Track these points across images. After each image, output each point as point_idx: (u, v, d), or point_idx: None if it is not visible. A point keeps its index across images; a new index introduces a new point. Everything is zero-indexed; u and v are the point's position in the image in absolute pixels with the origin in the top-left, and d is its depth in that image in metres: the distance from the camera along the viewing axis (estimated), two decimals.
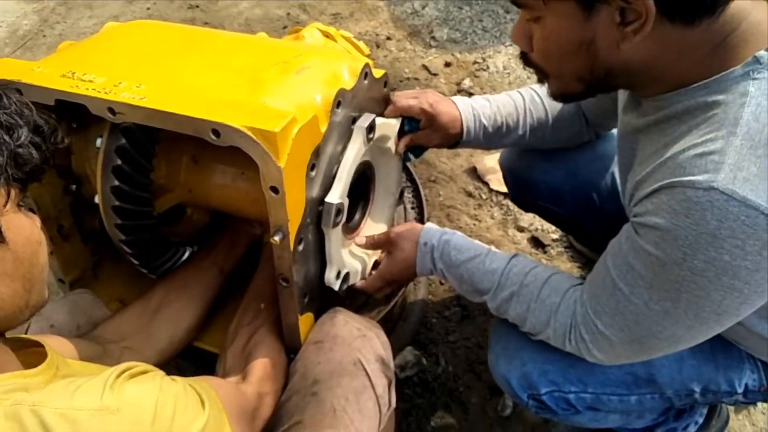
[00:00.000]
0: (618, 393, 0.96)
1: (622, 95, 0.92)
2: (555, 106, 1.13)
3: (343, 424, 0.80)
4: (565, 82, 0.82)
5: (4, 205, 0.57)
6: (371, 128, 0.93)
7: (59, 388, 0.53)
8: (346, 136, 0.92)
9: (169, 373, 0.63)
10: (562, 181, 1.22)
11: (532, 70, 0.85)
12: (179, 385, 0.59)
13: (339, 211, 0.91)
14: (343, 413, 0.80)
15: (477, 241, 1.01)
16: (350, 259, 1.05)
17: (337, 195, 0.89)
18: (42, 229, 0.65)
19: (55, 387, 0.54)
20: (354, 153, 0.91)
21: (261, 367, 0.86)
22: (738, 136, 0.66)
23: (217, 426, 0.60)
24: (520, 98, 1.14)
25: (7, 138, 0.57)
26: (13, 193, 0.58)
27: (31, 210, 0.65)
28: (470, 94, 2.19)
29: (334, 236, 0.94)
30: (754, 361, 0.95)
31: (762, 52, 0.68)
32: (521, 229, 1.76)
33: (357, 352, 0.86)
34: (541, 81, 0.86)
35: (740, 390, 0.96)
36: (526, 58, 0.83)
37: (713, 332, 0.77)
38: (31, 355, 0.63)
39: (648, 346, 0.81)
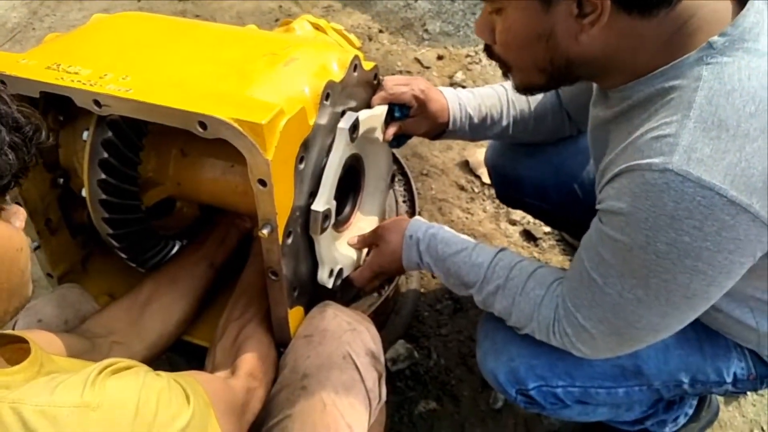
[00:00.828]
0: (606, 386, 0.97)
1: (592, 92, 0.93)
2: (536, 99, 1.14)
3: (332, 418, 0.80)
4: (527, 73, 0.83)
5: None
6: (354, 128, 0.92)
7: (40, 385, 0.52)
8: (336, 128, 0.91)
9: (159, 367, 0.63)
10: (546, 177, 1.23)
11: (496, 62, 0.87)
12: (163, 380, 0.59)
13: (326, 217, 0.90)
14: (332, 407, 0.80)
15: (464, 236, 1.01)
16: (342, 253, 1.05)
17: (323, 201, 0.89)
18: (23, 229, 0.61)
19: (36, 383, 0.53)
20: (338, 155, 0.90)
21: (250, 361, 0.85)
22: (691, 119, 0.67)
23: (202, 421, 0.60)
24: (503, 90, 1.14)
25: None
26: None
27: (17, 203, 0.62)
28: (463, 87, 2.18)
29: (323, 240, 0.93)
30: (741, 350, 0.95)
31: (715, 37, 0.69)
32: (513, 223, 1.76)
33: (346, 346, 0.86)
34: (505, 75, 0.87)
35: (729, 379, 0.96)
36: (489, 51, 0.85)
37: (688, 317, 0.78)
38: (15, 351, 0.62)
39: (629, 337, 0.81)
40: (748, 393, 1.38)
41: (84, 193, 0.91)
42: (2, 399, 0.50)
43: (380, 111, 1.02)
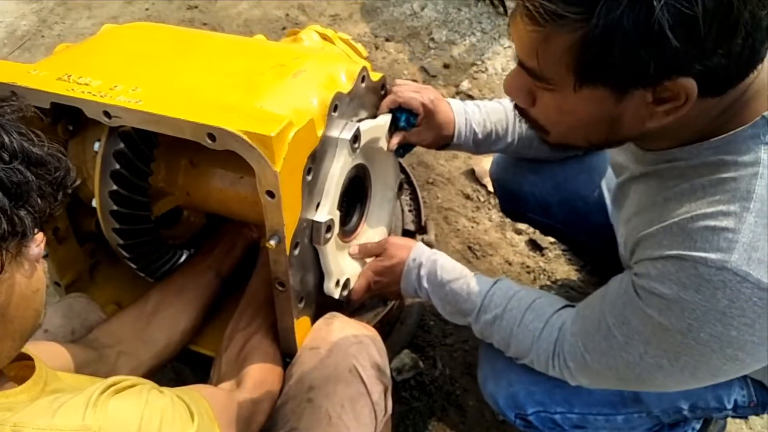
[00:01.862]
0: (604, 413, 0.96)
1: None
2: None
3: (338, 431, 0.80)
4: (567, 140, 0.77)
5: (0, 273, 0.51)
6: (356, 138, 0.92)
7: (42, 407, 0.52)
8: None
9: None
10: (550, 194, 1.22)
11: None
12: (167, 397, 0.58)
13: (329, 228, 0.90)
14: (338, 420, 0.80)
15: (462, 266, 1.00)
16: (349, 263, 1.05)
17: (325, 212, 0.89)
18: (45, 270, 0.59)
19: (38, 405, 0.52)
20: (340, 166, 0.90)
21: (256, 373, 0.86)
22: (752, 212, 0.64)
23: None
24: (510, 105, 1.13)
25: (5, 202, 0.49)
26: (10, 255, 0.52)
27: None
28: (469, 96, 2.19)
29: (328, 250, 0.93)
30: (744, 378, 0.94)
31: None
32: (519, 232, 1.76)
33: (353, 359, 0.86)
34: (539, 134, 0.80)
35: (729, 406, 0.96)
36: (522, 111, 0.77)
37: (703, 386, 0.77)
38: (21, 368, 0.61)
39: (635, 386, 0.81)
40: None
41: (95, 203, 0.91)
42: (4, 422, 0.49)
43: (383, 121, 1.02)
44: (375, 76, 0.99)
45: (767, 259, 0.63)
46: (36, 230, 0.54)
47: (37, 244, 0.56)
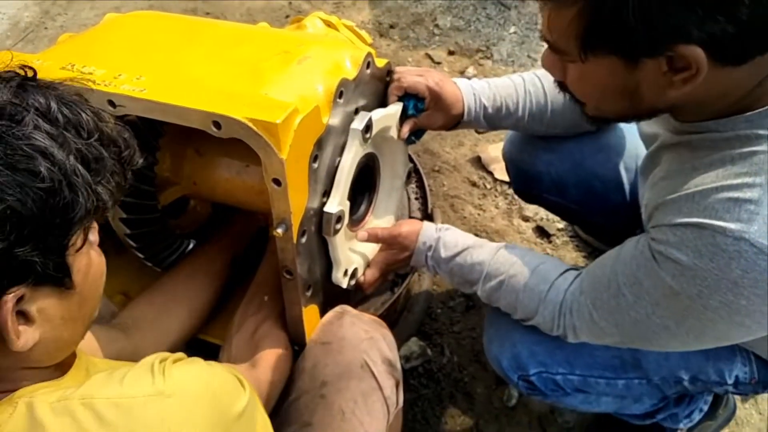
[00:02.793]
0: (605, 376, 0.97)
1: None
2: (555, 91, 1.11)
3: (351, 427, 0.81)
4: (602, 112, 0.79)
5: (78, 249, 0.52)
6: (368, 128, 0.91)
7: (103, 379, 0.52)
8: (349, 126, 0.91)
9: None
10: (566, 173, 1.21)
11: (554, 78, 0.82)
12: (219, 367, 0.59)
13: (339, 219, 0.90)
14: (352, 416, 0.81)
15: (467, 234, 1.02)
16: (357, 252, 1.05)
17: (336, 203, 0.88)
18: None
19: (97, 378, 0.52)
20: (351, 156, 0.90)
21: (270, 356, 0.86)
22: None
23: (255, 406, 0.61)
24: (520, 80, 1.13)
25: (88, 177, 0.51)
26: (87, 233, 0.54)
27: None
28: None
29: (337, 241, 0.93)
30: (747, 354, 0.94)
31: None
32: (526, 219, 1.75)
33: (364, 355, 0.87)
34: (580, 107, 0.83)
35: (730, 381, 0.96)
36: (562, 85, 0.81)
37: (706, 347, 0.78)
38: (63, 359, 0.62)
39: (638, 344, 0.82)
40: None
41: None
42: (69, 397, 0.49)
43: (395, 110, 1.01)
44: (380, 63, 0.98)
45: None
46: (111, 206, 0.55)
47: (96, 228, 0.58)
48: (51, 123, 0.50)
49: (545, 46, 0.78)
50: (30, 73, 0.54)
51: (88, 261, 0.55)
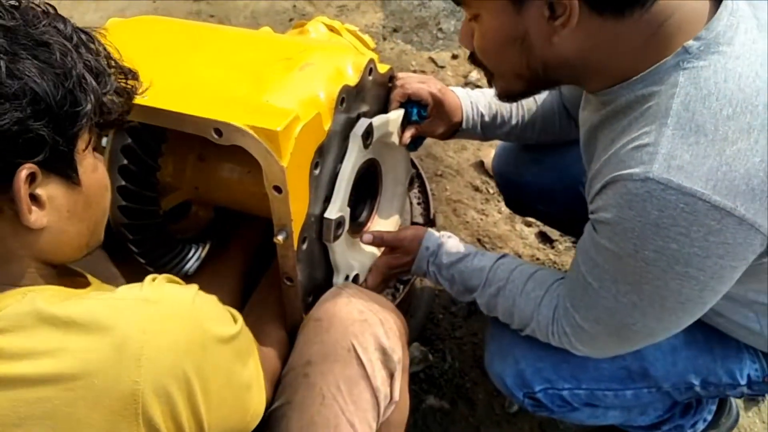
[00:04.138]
0: (613, 388, 0.96)
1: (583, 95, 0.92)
2: (542, 98, 1.14)
3: (332, 413, 0.77)
4: (506, 79, 0.83)
5: (84, 150, 0.60)
6: (368, 134, 0.91)
7: (103, 289, 0.61)
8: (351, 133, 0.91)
9: None
10: (552, 182, 1.22)
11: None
12: (214, 298, 0.63)
13: (339, 225, 0.90)
14: (332, 401, 0.78)
15: (468, 245, 1.02)
16: (358, 257, 1.04)
17: (335, 209, 0.88)
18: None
19: (99, 291, 0.61)
20: (351, 163, 0.90)
21: (275, 336, 0.88)
22: (669, 127, 0.67)
23: (248, 345, 0.63)
24: None
25: (95, 84, 0.59)
26: (93, 138, 0.62)
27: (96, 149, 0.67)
28: (477, 87, 2.17)
29: (337, 247, 0.93)
30: (754, 352, 0.94)
31: (690, 42, 0.68)
32: (529, 224, 1.75)
33: (352, 338, 0.82)
34: (489, 83, 0.87)
35: (743, 381, 0.95)
36: (473, 58, 0.84)
37: (685, 321, 0.77)
38: (78, 282, 0.68)
39: (627, 338, 0.81)
40: None
41: None
42: (73, 295, 0.57)
43: (396, 115, 1.01)
44: (382, 68, 0.98)
45: (687, 166, 0.65)
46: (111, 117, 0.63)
47: (100, 159, 0.66)
48: (66, 38, 0.59)
49: None
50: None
51: (94, 167, 0.63)
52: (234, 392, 0.62)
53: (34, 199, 0.56)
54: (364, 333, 0.83)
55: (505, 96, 0.87)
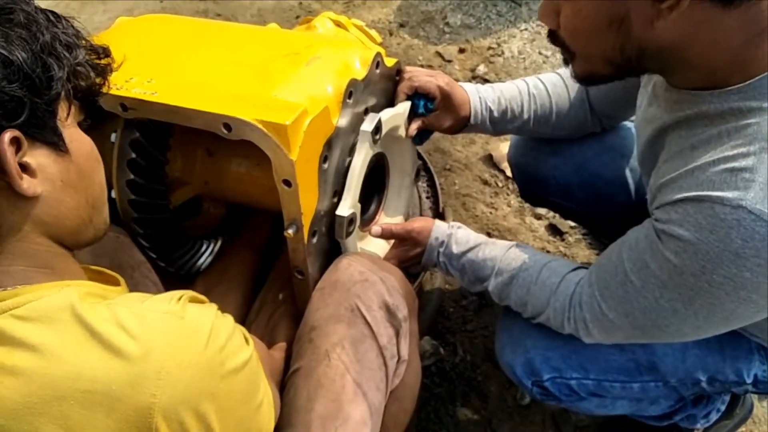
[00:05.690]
0: (620, 380, 0.96)
1: (644, 90, 0.90)
2: (558, 93, 1.12)
3: (338, 372, 0.77)
4: (593, 62, 0.77)
5: (66, 118, 0.61)
6: (377, 129, 0.92)
7: (131, 297, 0.60)
8: (359, 127, 0.91)
9: None
10: (570, 176, 1.21)
11: (555, 49, 0.83)
12: (230, 319, 0.63)
13: (351, 221, 0.90)
14: (338, 361, 0.77)
15: (478, 234, 1.02)
16: (368, 250, 1.05)
17: (347, 206, 0.89)
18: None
19: (127, 297, 0.61)
20: (362, 158, 0.90)
21: (285, 338, 0.88)
22: None
23: (257, 365, 0.64)
24: (523, 84, 1.13)
25: (67, 54, 0.60)
26: (73, 108, 0.62)
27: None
28: (485, 80, 2.17)
29: (349, 243, 0.93)
30: (764, 352, 0.93)
31: None
32: (538, 217, 1.74)
33: (355, 298, 0.82)
34: (566, 62, 0.82)
35: (749, 380, 0.95)
36: (553, 36, 0.79)
37: (720, 332, 0.76)
38: (109, 278, 0.69)
39: (650, 335, 0.80)
40: None
41: (114, 194, 0.92)
42: (99, 301, 0.57)
43: (403, 108, 1.01)
44: (389, 62, 0.98)
45: None
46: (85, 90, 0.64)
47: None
48: (33, 10, 0.60)
49: None
50: None
51: (80, 137, 0.63)
52: (247, 414, 0.62)
53: (25, 168, 0.56)
54: (366, 292, 0.84)
55: (585, 79, 0.81)
